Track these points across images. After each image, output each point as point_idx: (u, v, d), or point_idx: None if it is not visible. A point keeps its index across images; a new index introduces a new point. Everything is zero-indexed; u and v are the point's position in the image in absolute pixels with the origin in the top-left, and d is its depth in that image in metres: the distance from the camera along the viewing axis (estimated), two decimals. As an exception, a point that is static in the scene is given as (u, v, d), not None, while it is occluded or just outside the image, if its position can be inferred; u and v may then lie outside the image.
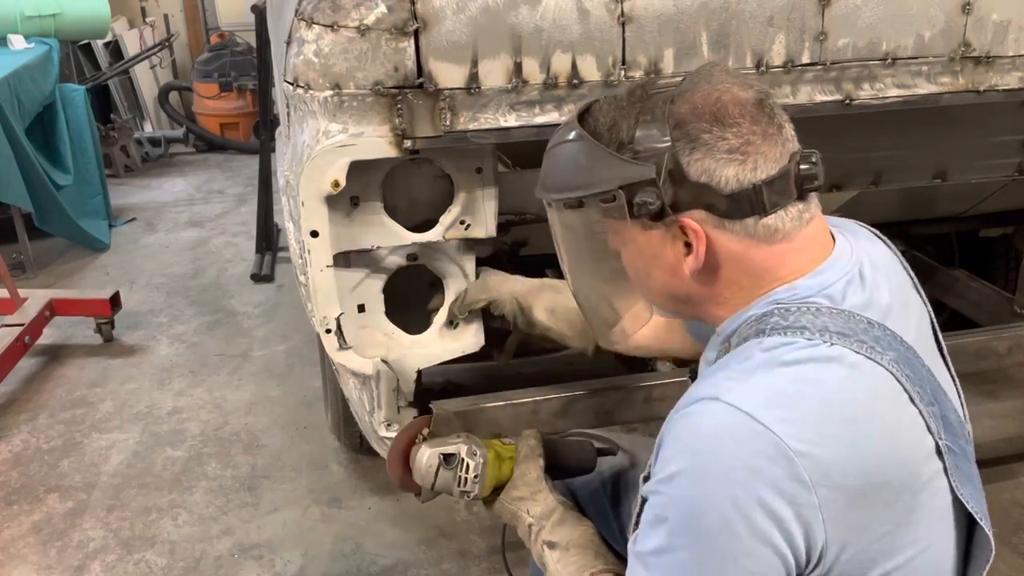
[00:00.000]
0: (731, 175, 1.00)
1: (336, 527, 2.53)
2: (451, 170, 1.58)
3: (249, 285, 4.21)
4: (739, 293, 1.07)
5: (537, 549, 1.31)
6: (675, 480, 0.96)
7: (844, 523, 0.94)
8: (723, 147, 0.99)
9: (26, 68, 4.20)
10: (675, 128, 1.01)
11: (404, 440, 1.45)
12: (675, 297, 1.12)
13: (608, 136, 1.06)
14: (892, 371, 0.99)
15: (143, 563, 2.41)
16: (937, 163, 2.02)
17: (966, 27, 1.56)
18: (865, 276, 1.07)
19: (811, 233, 1.05)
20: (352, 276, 1.61)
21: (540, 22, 1.40)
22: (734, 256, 1.04)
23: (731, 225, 1.02)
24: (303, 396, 3.21)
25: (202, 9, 7.33)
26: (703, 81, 1.03)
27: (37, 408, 3.19)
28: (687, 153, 1.00)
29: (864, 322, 1.02)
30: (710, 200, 1.01)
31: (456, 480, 1.36)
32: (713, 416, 0.96)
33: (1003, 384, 2.59)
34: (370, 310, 1.63)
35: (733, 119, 1.00)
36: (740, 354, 1.03)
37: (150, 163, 6.27)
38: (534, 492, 1.35)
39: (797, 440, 0.92)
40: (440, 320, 1.70)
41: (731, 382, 0.98)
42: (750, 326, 1.05)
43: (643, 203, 1.02)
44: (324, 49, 1.37)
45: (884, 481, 0.96)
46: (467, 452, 1.37)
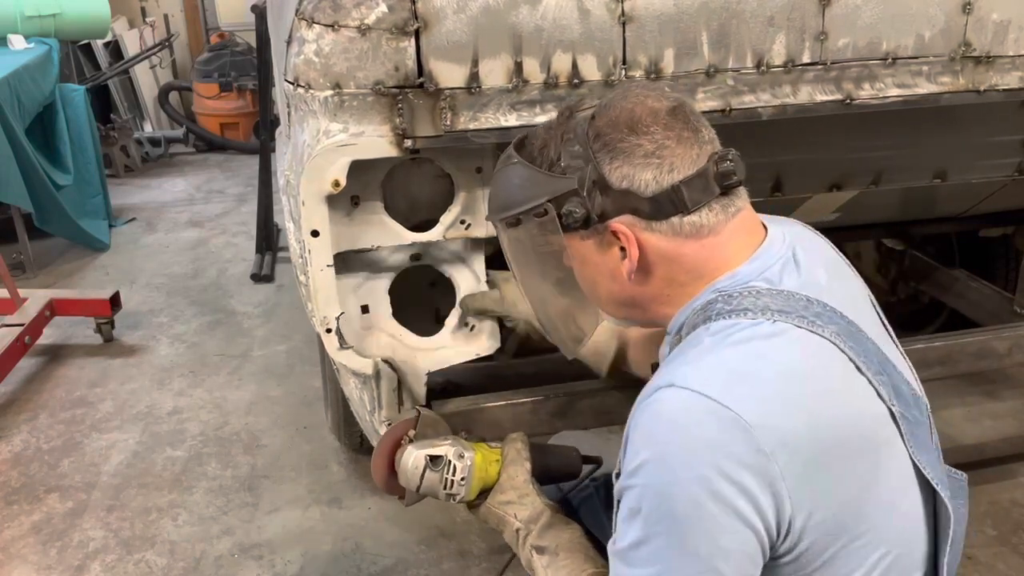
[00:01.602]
0: (649, 178, 1.07)
1: (336, 527, 2.53)
2: (451, 170, 1.58)
3: (249, 285, 4.21)
4: (680, 289, 1.13)
5: (525, 554, 1.31)
6: (642, 470, 1.00)
7: (807, 488, 0.98)
8: (639, 152, 1.07)
9: (26, 68, 4.20)
10: (595, 141, 1.09)
11: (389, 442, 1.43)
12: (622, 302, 1.18)
13: (540, 158, 1.14)
14: (835, 342, 1.04)
15: (143, 563, 2.41)
16: (937, 163, 2.02)
17: (966, 27, 1.56)
18: (799, 259, 1.12)
19: (739, 224, 1.11)
20: (355, 276, 1.60)
21: (540, 22, 1.40)
22: (666, 255, 1.10)
23: (658, 226, 1.08)
24: (303, 396, 3.21)
25: (202, 9, 7.33)
26: (620, 98, 1.11)
27: (37, 408, 3.19)
28: (607, 162, 1.08)
29: (804, 300, 1.07)
30: (634, 204, 1.08)
31: (442, 482, 1.35)
32: (671, 402, 1.00)
33: (1003, 384, 2.59)
34: (374, 311, 1.61)
35: (646, 127, 1.07)
36: (690, 342, 1.08)
37: (150, 163, 6.27)
38: (521, 496, 1.35)
39: (752, 414, 0.96)
40: (452, 322, 1.67)
41: (685, 367, 1.03)
42: (696, 315, 1.10)
43: (570, 212, 1.10)
44: (325, 48, 1.37)
45: (839, 443, 1.01)
46: (454, 454, 1.35)
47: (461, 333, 1.64)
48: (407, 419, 1.46)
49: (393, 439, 1.43)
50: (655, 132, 1.07)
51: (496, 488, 1.37)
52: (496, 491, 1.37)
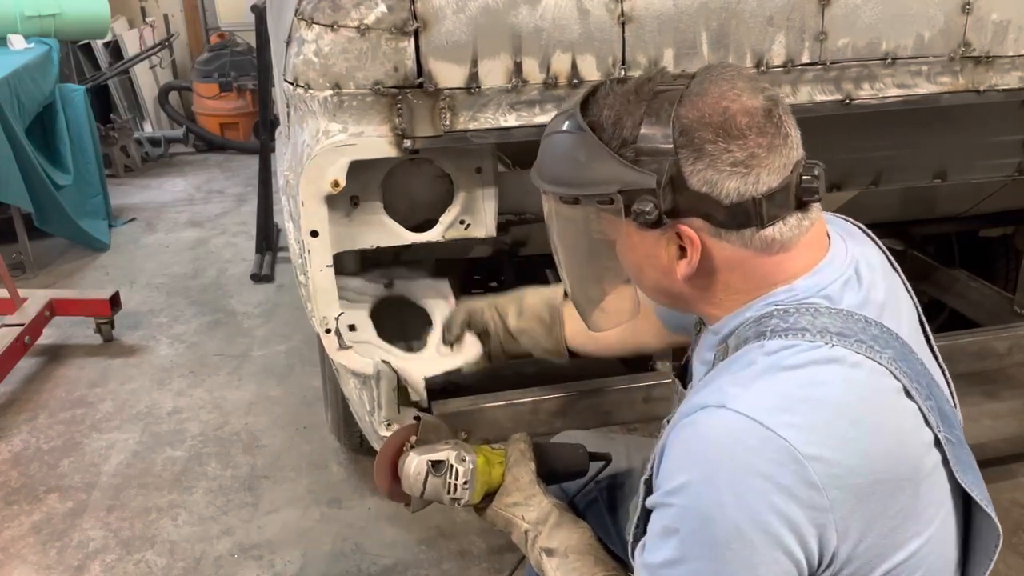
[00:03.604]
0: (732, 188, 0.99)
1: (336, 527, 2.53)
2: (451, 170, 1.58)
3: (249, 285, 4.21)
4: (734, 296, 1.07)
5: (535, 555, 1.29)
6: (684, 491, 0.96)
7: (854, 522, 0.95)
8: (727, 160, 0.98)
9: (26, 68, 4.20)
10: (680, 135, 0.99)
11: (391, 449, 1.41)
12: (667, 293, 1.13)
13: (611, 132, 1.03)
14: (891, 369, 1.00)
15: (143, 563, 2.41)
16: (937, 163, 2.02)
17: (966, 27, 1.56)
18: (861, 275, 1.07)
19: (809, 239, 1.05)
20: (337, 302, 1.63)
21: (540, 22, 1.40)
22: (729, 264, 1.04)
23: (728, 235, 1.02)
24: (303, 396, 3.21)
25: (202, 9, 7.32)
26: (713, 84, 1.01)
27: (37, 408, 3.19)
28: (690, 162, 0.99)
29: (862, 321, 1.02)
30: (709, 210, 1.01)
31: (446, 487, 1.33)
32: (720, 424, 0.95)
33: (1003, 384, 2.59)
34: (361, 330, 1.66)
35: (740, 131, 0.98)
36: (741, 358, 1.02)
37: (150, 163, 6.26)
38: (528, 496, 1.33)
39: (807, 444, 0.92)
40: (434, 341, 1.72)
41: (736, 388, 0.98)
42: (748, 327, 1.04)
43: (641, 211, 1.02)
44: (324, 49, 1.37)
45: (890, 477, 0.97)
46: (456, 458, 1.34)
47: (444, 349, 1.70)
48: (408, 425, 1.45)
49: (395, 446, 1.41)
50: (748, 138, 0.98)
51: (501, 490, 1.35)
52: (501, 493, 1.35)
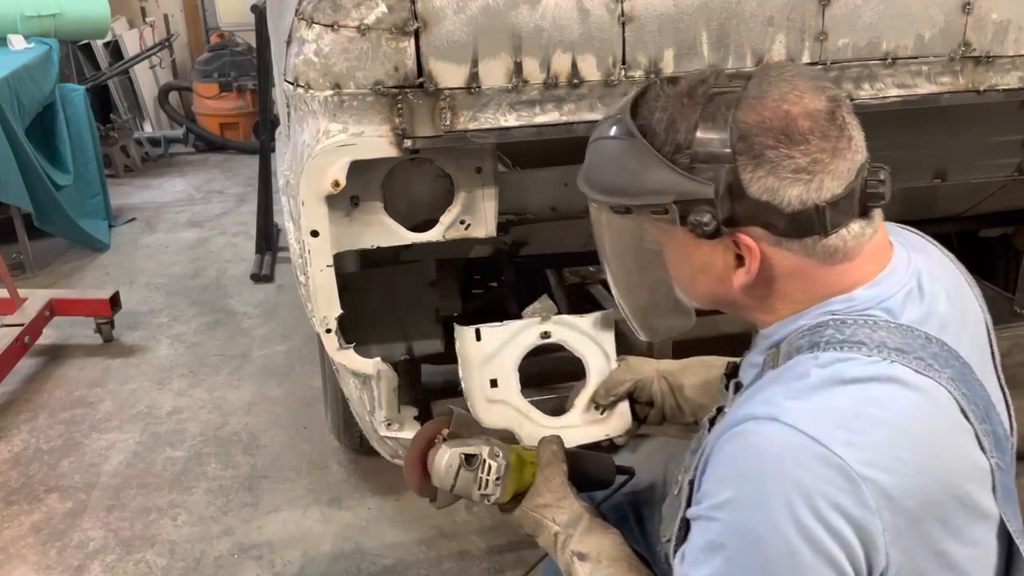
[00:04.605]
0: (794, 195, 0.95)
1: (336, 527, 2.53)
2: (451, 170, 1.58)
3: (249, 285, 4.21)
4: (789, 304, 1.03)
5: (565, 559, 1.24)
6: (731, 506, 0.93)
7: (904, 544, 0.92)
8: (789, 166, 0.94)
9: (26, 68, 4.20)
10: (739, 140, 0.95)
11: (422, 442, 1.37)
12: (718, 301, 1.09)
13: (663, 137, 0.99)
14: (950, 390, 0.96)
15: (143, 563, 2.41)
16: (937, 163, 2.02)
17: (966, 27, 1.56)
18: (924, 287, 1.03)
19: (872, 248, 1.01)
20: (484, 349, 1.52)
21: (540, 22, 1.40)
22: (789, 273, 1.01)
23: (788, 243, 0.98)
24: (303, 396, 3.21)
25: (202, 9, 7.32)
26: (772, 86, 0.96)
27: (37, 408, 3.19)
28: (749, 170, 0.95)
29: (922, 337, 0.98)
30: (769, 218, 0.97)
31: (476, 482, 1.29)
32: (773, 438, 0.92)
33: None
34: (503, 385, 1.52)
35: (802, 135, 0.94)
36: (793, 369, 0.98)
37: (150, 163, 6.26)
38: (559, 499, 1.27)
39: (863, 464, 0.89)
40: (582, 403, 1.57)
41: (789, 401, 0.94)
42: (802, 335, 1.01)
43: (697, 222, 0.97)
44: (324, 49, 1.37)
45: (941, 500, 0.95)
46: (489, 453, 1.29)
47: (590, 415, 1.55)
48: (440, 419, 1.40)
49: (426, 438, 1.37)
50: (810, 143, 0.94)
51: (532, 491, 1.30)
52: (532, 494, 1.29)
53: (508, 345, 1.51)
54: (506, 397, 1.50)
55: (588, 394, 1.56)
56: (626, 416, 1.54)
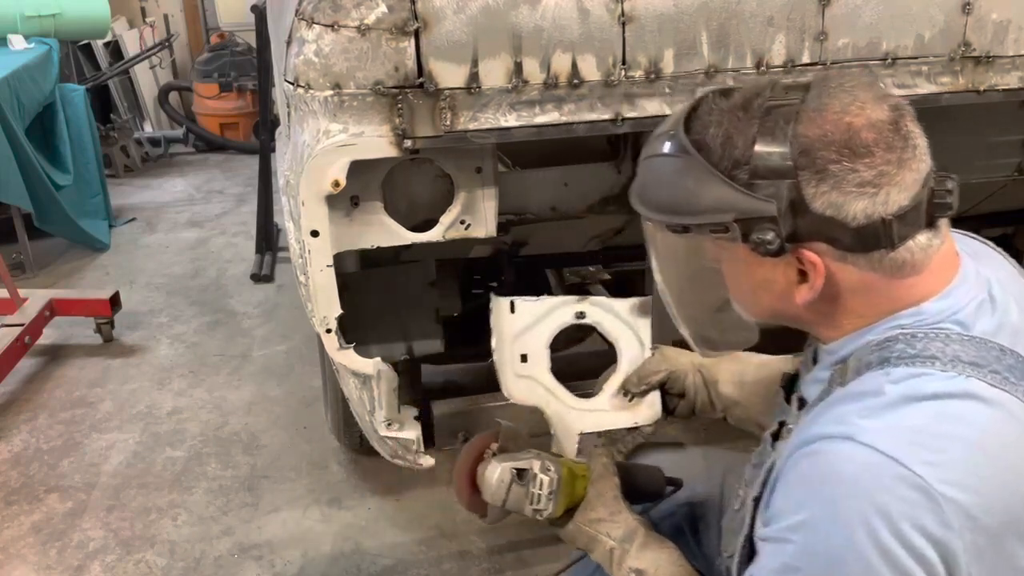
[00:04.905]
0: (860, 209, 0.92)
1: (336, 527, 2.53)
2: (451, 170, 1.58)
3: (249, 285, 4.21)
4: (855, 319, 1.01)
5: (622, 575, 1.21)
6: (806, 528, 0.91)
7: (985, 562, 0.91)
8: (854, 180, 0.92)
9: (26, 68, 4.20)
10: (800, 155, 0.92)
11: (471, 457, 1.34)
12: (778, 316, 1.06)
13: (720, 153, 0.96)
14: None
15: (143, 563, 2.41)
16: (937, 163, 2.01)
17: (966, 27, 1.56)
18: (995, 297, 1.01)
19: (940, 259, 0.98)
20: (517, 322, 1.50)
21: (540, 22, 1.40)
22: (854, 288, 0.98)
23: (854, 258, 0.95)
24: (303, 396, 3.21)
25: (202, 9, 7.32)
26: (832, 98, 0.94)
27: (37, 408, 3.19)
28: (812, 185, 0.92)
29: (996, 350, 0.96)
30: (833, 233, 0.94)
31: (528, 497, 1.26)
32: (848, 458, 0.90)
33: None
34: (532, 362, 1.50)
35: (866, 148, 0.92)
36: (865, 385, 0.96)
37: (150, 163, 6.26)
38: (612, 513, 1.25)
39: (943, 483, 0.87)
40: (611, 388, 1.54)
41: (864, 420, 0.91)
42: (871, 351, 0.98)
43: (761, 241, 0.95)
44: (324, 49, 1.37)
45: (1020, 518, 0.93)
46: (540, 468, 1.27)
47: (619, 400, 1.52)
48: (488, 433, 1.38)
49: (475, 453, 1.34)
50: (875, 155, 0.91)
51: (584, 505, 1.27)
52: (584, 508, 1.26)
53: (542, 321, 1.48)
54: (535, 374, 1.48)
55: (618, 380, 1.52)
56: (656, 406, 1.51)
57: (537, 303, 1.49)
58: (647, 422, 1.50)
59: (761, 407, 1.40)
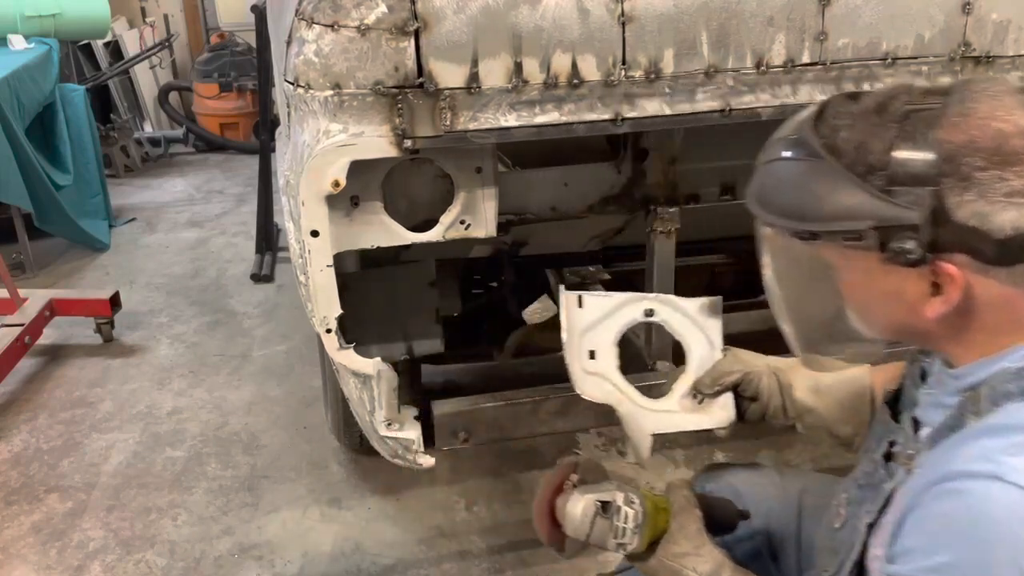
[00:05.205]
0: (1007, 220, 0.87)
1: (336, 527, 2.53)
2: (451, 170, 1.58)
3: (249, 285, 4.21)
4: (991, 339, 0.96)
5: None
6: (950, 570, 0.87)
7: None
8: (1002, 189, 0.87)
9: (26, 68, 4.20)
10: (944, 162, 0.88)
11: (550, 489, 1.29)
12: (903, 331, 1.02)
13: (854, 157, 0.92)
14: None
15: (143, 563, 2.41)
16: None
17: (966, 27, 1.56)
18: None
19: None
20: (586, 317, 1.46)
21: (540, 22, 1.40)
22: (993, 303, 0.93)
23: (996, 272, 0.90)
24: (303, 396, 3.21)
25: (202, 9, 7.32)
26: (977, 103, 0.90)
27: (37, 408, 3.19)
28: (956, 193, 0.88)
29: None
30: (976, 245, 0.89)
31: (613, 531, 1.22)
32: (996, 499, 0.85)
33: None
34: (601, 359, 1.46)
35: (1017, 155, 0.87)
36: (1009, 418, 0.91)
37: (150, 163, 6.26)
38: (697, 547, 1.20)
39: None
40: (681, 389, 1.47)
41: (1011, 458, 0.86)
42: (1009, 379, 0.93)
43: (900, 250, 0.91)
44: (324, 49, 1.37)
45: None
46: (624, 500, 1.23)
47: (689, 401, 1.46)
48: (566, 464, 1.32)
49: (554, 485, 1.30)
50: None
51: (667, 539, 1.22)
52: (667, 542, 1.22)
53: (610, 317, 1.45)
54: (604, 371, 1.44)
55: (688, 381, 1.45)
56: (729, 408, 1.44)
57: (606, 299, 1.45)
58: (720, 425, 1.44)
59: (837, 415, 1.37)
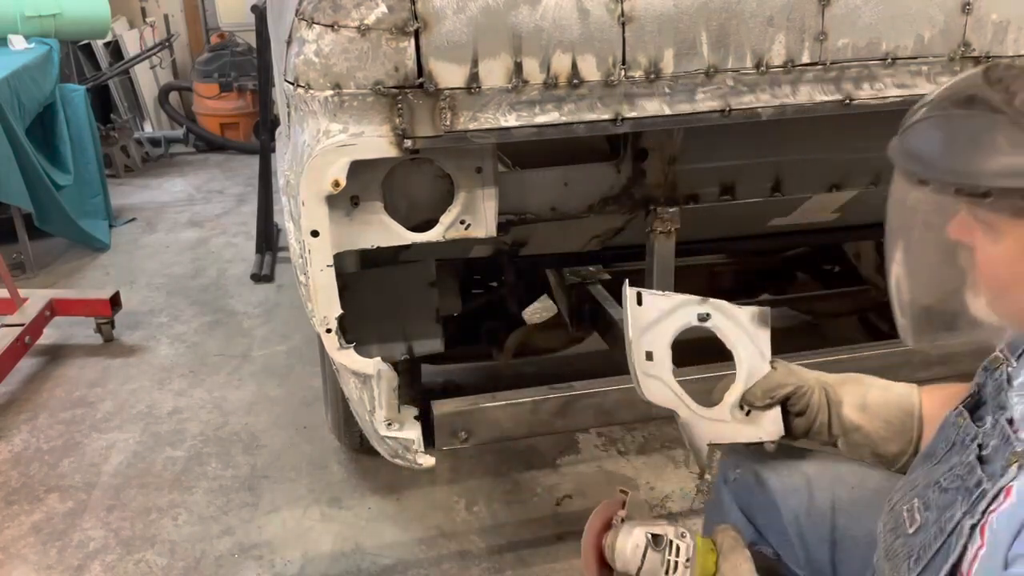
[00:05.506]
0: None
1: (336, 527, 2.53)
2: (451, 170, 1.58)
3: (249, 285, 4.22)
4: None
5: None
6: None
7: None
8: None
9: (26, 68, 4.20)
10: None
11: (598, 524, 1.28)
12: None
13: None
14: None
15: (143, 563, 2.41)
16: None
17: (966, 27, 1.56)
18: None
19: None
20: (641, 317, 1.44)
21: (540, 22, 1.40)
22: None
23: None
24: (303, 396, 3.21)
25: (202, 9, 7.33)
26: None
27: (37, 408, 3.19)
28: None
29: None
30: None
31: (664, 565, 1.19)
32: None
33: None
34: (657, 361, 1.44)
35: None
36: None
37: (150, 163, 6.27)
38: None
39: None
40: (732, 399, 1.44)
41: None
42: None
43: None
44: (324, 49, 1.37)
45: None
46: (675, 534, 1.21)
47: (739, 412, 1.43)
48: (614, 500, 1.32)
49: (602, 520, 1.28)
50: None
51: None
52: None
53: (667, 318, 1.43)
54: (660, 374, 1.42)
55: (738, 391, 1.42)
56: (779, 422, 1.41)
57: (664, 298, 1.43)
58: (771, 438, 1.42)
59: (884, 433, 1.35)
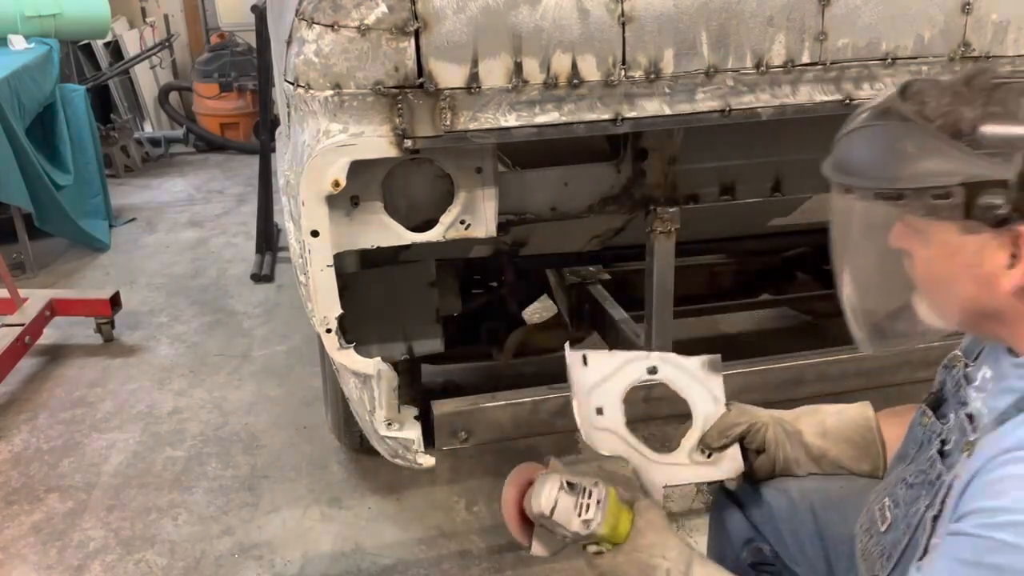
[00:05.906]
0: None
1: (336, 527, 2.53)
2: (451, 170, 1.58)
3: (249, 285, 4.22)
4: None
5: None
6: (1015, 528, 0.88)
7: None
8: None
9: (26, 68, 4.20)
10: None
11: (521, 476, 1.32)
12: (978, 311, 1.00)
13: (944, 121, 0.93)
14: None
15: (143, 563, 2.41)
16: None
17: (966, 27, 1.56)
18: None
19: None
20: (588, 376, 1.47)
21: (540, 22, 1.40)
22: None
23: None
24: (303, 396, 3.21)
25: (202, 9, 7.33)
26: None
27: (37, 408, 3.19)
28: None
29: None
30: None
31: (577, 508, 1.24)
32: None
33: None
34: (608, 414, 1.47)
35: None
36: None
37: (150, 163, 6.27)
38: (665, 538, 1.21)
39: None
40: (689, 444, 1.47)
41: None
42: None
43: (989, 206, 0.90)
44: (325, 49, 1.37)
45: None
46: (590, 482, 1.26)
47: (699, 455, 1.47)
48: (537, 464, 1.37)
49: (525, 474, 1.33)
50: None
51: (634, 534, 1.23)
52: (634, 536, 1.23)
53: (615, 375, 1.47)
54: (612, 427, 1.46)
55: (695, 436, 1.46)
56: (738, 459, 1.46)
57: (609, 357, 1.47)
58: (730, 476, 1.46)
59: (851, 453, 1.38)
